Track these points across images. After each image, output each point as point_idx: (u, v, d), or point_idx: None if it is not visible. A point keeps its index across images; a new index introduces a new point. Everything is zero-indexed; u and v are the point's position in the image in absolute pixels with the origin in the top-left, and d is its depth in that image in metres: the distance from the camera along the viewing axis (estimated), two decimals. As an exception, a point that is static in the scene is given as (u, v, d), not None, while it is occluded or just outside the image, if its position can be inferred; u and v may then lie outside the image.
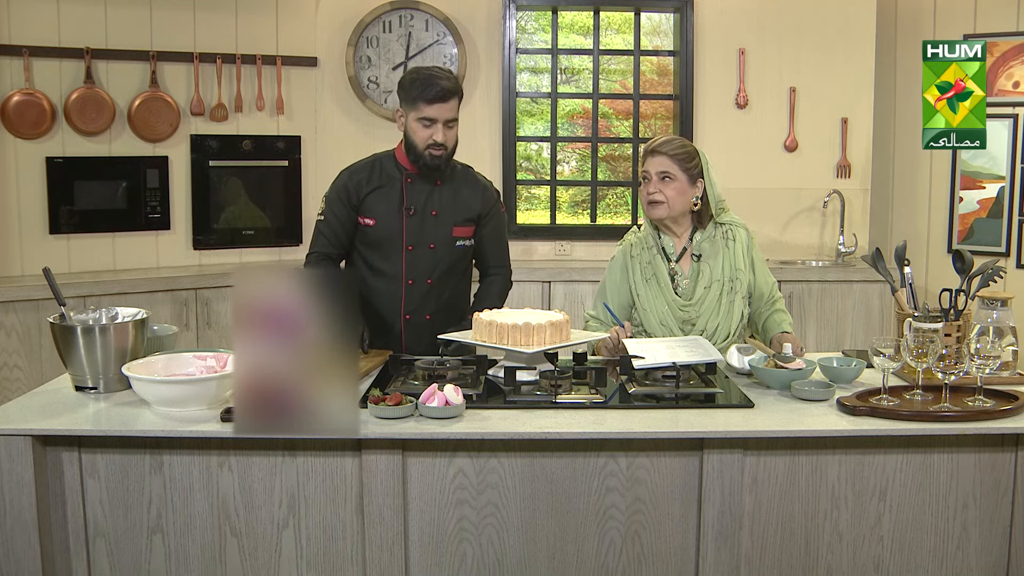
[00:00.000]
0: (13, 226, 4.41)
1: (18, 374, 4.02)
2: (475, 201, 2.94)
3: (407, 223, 2.86)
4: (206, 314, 4.44)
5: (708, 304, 2.76)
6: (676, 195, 2.74)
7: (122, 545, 2.17)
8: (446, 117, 2.79)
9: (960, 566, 2.22)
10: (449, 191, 2.91)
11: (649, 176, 2.76)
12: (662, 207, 2.75)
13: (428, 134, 2.78)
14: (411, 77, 2.80)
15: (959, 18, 4.89)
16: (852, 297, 4.71)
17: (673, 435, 2.10)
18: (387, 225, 2.86)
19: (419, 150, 2.80)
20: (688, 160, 2.74)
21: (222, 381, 2.16)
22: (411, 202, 2.86)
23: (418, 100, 2.76)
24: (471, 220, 2.94)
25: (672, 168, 2.73)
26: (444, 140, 2.80)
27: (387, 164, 2.91)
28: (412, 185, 2.87)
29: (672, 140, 2.77)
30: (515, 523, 2.17)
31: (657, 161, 2.74)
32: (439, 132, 2.78)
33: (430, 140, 2.78)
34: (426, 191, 2.88)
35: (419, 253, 2.87)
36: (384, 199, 2.86)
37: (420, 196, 2.87)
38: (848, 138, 5.07)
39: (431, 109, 2.76)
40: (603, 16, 5.30)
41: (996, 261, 2.64)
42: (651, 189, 2.75)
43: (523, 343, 2.39)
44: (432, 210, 2.88)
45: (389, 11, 4.95)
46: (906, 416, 2.14)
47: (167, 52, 4.64)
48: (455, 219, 2.90)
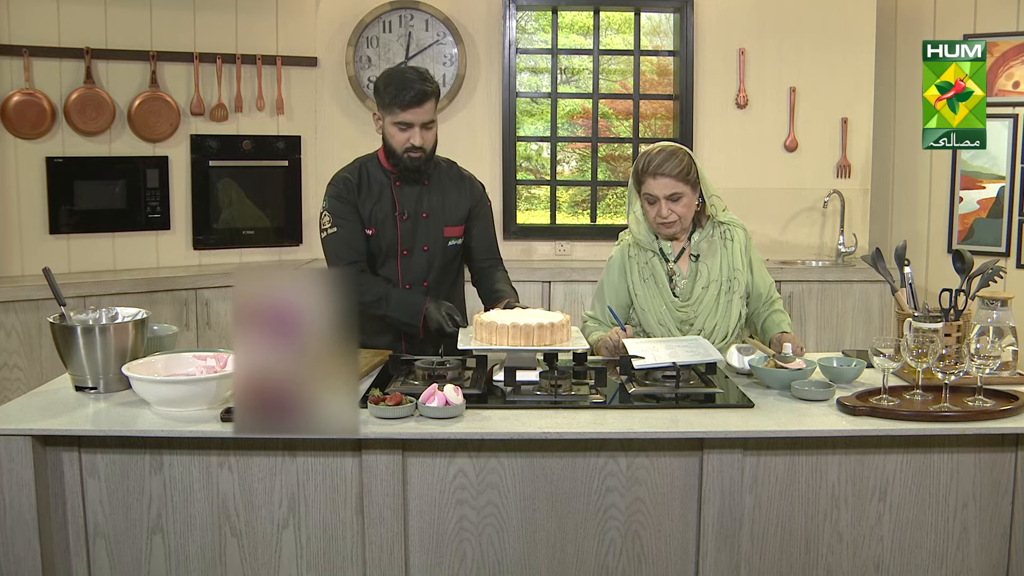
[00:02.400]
0: (13, 226, 4.41)
1: (18, 374, 4.02)
2: (463, 200, 2.94)
3: (401, 228, 2.86)
4: (206, 314, 4.44)
5: (706, 304, 2.76)
6: (686, 210, 2.74)
7: (122, 545, 2.17)
8: (422, 120, 2.75)
9: (960, 566, 2.22)
10: (437, 192, 2.90)
11: (656, 199, 2.71)
12: (675, 225, 2.75)
13: (405, 138, 2.76)
14: (385, 81, 2.77)
15: (959, 18, 4.89)
16: (852, 297, 4.71)
17: (673, 435, 2.10)
18: (383, 232, 2.85)
19: (398, 154, 2.79)
20: (689, 172, 2.71)
21: (222, 381, 2.16)
22: (403, 207, 2.86)
23: (393, 105, 2.73)
24: (461, 219, 2.94)
25: (679, 187, 2.70)
26: (422, 143, 2.77)
27: (373, 169, 2.88)
28: (401, 189, 2.86)
29: (671, 157, 2.70)
30: (515, 523, 2.17)
31: (662, 183, 2.69)
32: (416, 136, 2.75)
33: (408, 144, 2.76)
34: (415, 194, 2.87)
35: (414, 257, 2.87)
36: (379, 207, 2.85)
37: (410, 200, 2.86)
38: (848, 138, 5.07)
39: (407, 114, 2.73)
40: (603, 16, 5.30)
41: (996, 261, 2.64)
42: (664, 212, 2.72)
43: (523, 343, 2.39)
44: (423, 212, 2.87)
45: (389, 11, 4.95)
46: (906, 416, 2.14)
47: (167, 52, 4.64)
48: (446, 220, 2.90)
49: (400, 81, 2.73)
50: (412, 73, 2.75)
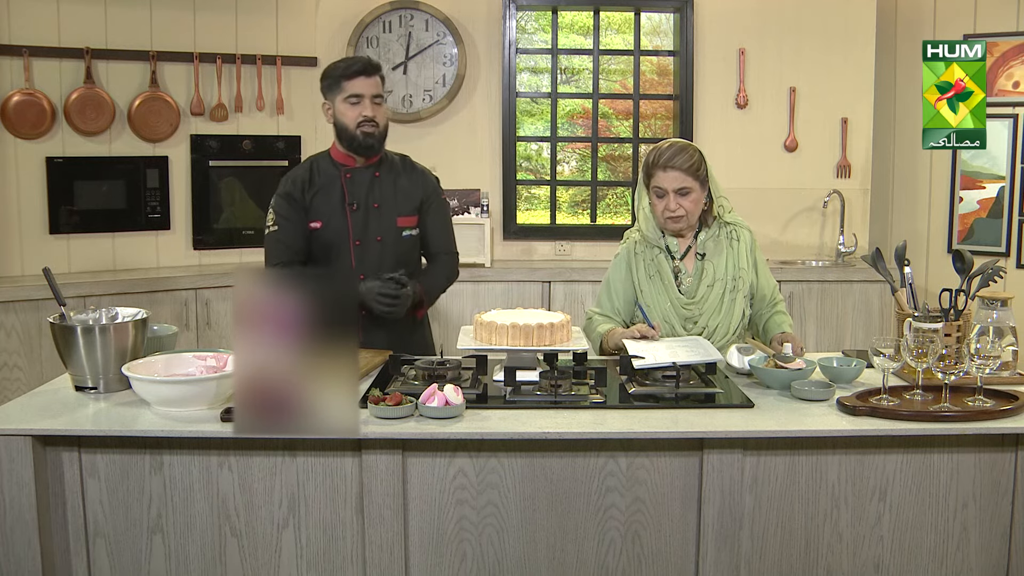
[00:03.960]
0: (13, 226, 4.41)
1: (18, 374, 4.02)
2: (416, 189, 2.96)
3: (352, 219, 2.87)
4: (206, 314, 4.44)
5: (710, 302, 2.76)
6: (694, 206, 2.74)
7: (122, 545, 2.17)
8: (372, 92, 2.81)
9: (960, 566, 2.22)
10: (389, 182, 2.92)
11: (664, 192, 2.72)
12: (682, 220, 2.75)
13: (357, 112, 2.80)
14: (330, 66, 2.86)
15: (959, 18, 4.89)
16: (852, 297, 4.71)
17: (673, 435, 2.10)
18: (333, 224, 2.87)
19: (351, 131, 2.82)
20: (699, 167, 2.72)
21: (222, 381, 2.16)
22: (352, 197, 2.88)
23: (341, 79, 2.80)
24: (414, 209, 2.95)
25: (688, 181, 2.71)
26: (374, 115, 2.81)
27: (324, 164, 2.92)
28: (351, 180, 2.89)
29: (681, 152, 2.72)
30: (515, 523, 2.17)
31: (672, 177, 2.70)
32: (367, 107, 2.80)
33: (360, 117, 2.80)
34: (366, 184, 2.89)
35: (367, 248, 2.89)
36: (327, 199, 2.88)
37: (361, 190, 2.89)
38: (848, 138, 5.07)
39: (355, 84, 2.79)
40: (603, 16, 5.30)
41: (996, 261, 2.64)
42: (672, 206, 2.72)
43: (523, 343, 2.39)
44: (374, 203, 2.89)
45: (389, 11, 4.95)
46: (906, 416, 2.14)
47: (167, 52, 4.64)
48: (398, 210, 2.92)
49: (345, 61, 2.85)
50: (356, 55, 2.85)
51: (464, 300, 4.69)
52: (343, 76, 2.80)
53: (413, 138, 4.98)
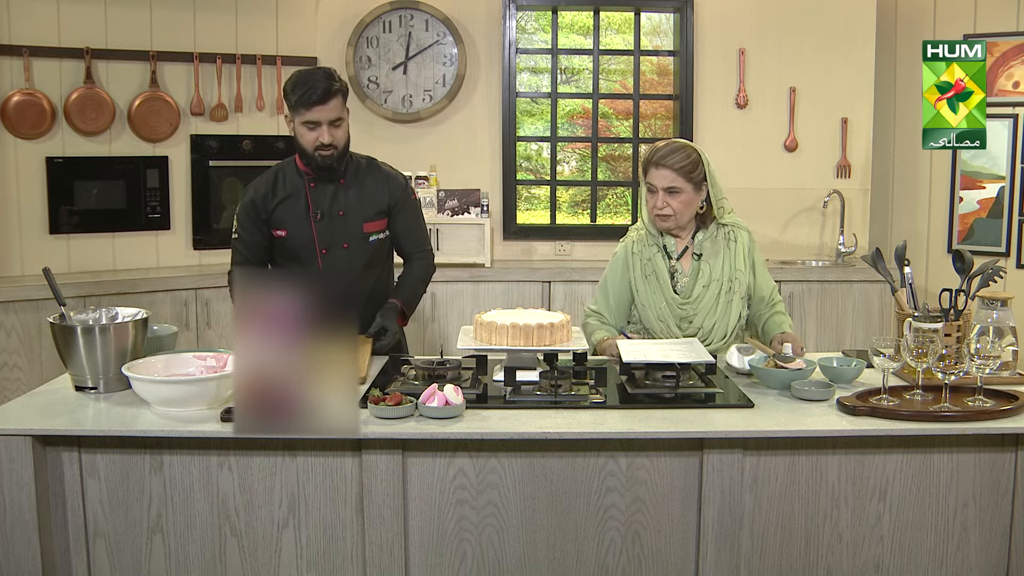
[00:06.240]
0: (13, 226, 4.41)
1: (18, 374, 4.02)
2: (382, 194, 2.95)
3: (316, 228, 2.88)
4: (206, 314, 4.44)
5: (706, 303, 2.76)
6: (683, 207, 2.74)
7: (122, 545, 2.17)
8: (329, 118, 2.78)
9: (960, 566, 2.22)
10: (354, 189, 2.92)
11: (655, 189, 2.74)
12: (670, 219, 2.75)
13: (314, 136, 2.78)
14: (292, 83, 2.79)
15: (959, 18, 4.89)
16: (852, 297, 4.71)
17: (673, 435, 2.10)
18: (298, 233, 2.88)
19: (309, 153, 2.81)
20: (693, 169, 2.72)
21: (222, 381, 2.16)
22: (317, 207, 2.88)
23: (299, 105, 2.76)
24: (381, 213, 2.95)
25: (678, 181, 2.71)
26: (331, 140, 2.79)
27: (289, 172, 2.92)
28: (315, 189, 2.89)
29: (676, 151, 2.73)
30: (515, 523, 2.17)
31: (663, 175, 2.71)
32: (324, 133, 2.78)
33: (317, 142, 2.79)
34: (330, 193, 2.89)
35: (334, 255, 2.89)
36: (291, 208, 2.88)
37: (325, 199, 2.88)
38: (848, 138, 5.07)
39: (312, 112, 2.75)
40: (603, 16, 5.30)
41: (996, 261, 2.64)
42: (659, 204, 2.73)
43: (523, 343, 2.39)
44: (339, 211, 2.89)
45: (389, 11, 4.95)
46: (906, 416, 2.14)
47: (167, 52, 4.64)
48: (364, 216, 2.91)
49: (306, 81, 2.76)
50: (318, 73, 2.79)
51: (464, 300, 4.69)
52: (300, 104, 2.75)
53: (413, 138, 4.98)
